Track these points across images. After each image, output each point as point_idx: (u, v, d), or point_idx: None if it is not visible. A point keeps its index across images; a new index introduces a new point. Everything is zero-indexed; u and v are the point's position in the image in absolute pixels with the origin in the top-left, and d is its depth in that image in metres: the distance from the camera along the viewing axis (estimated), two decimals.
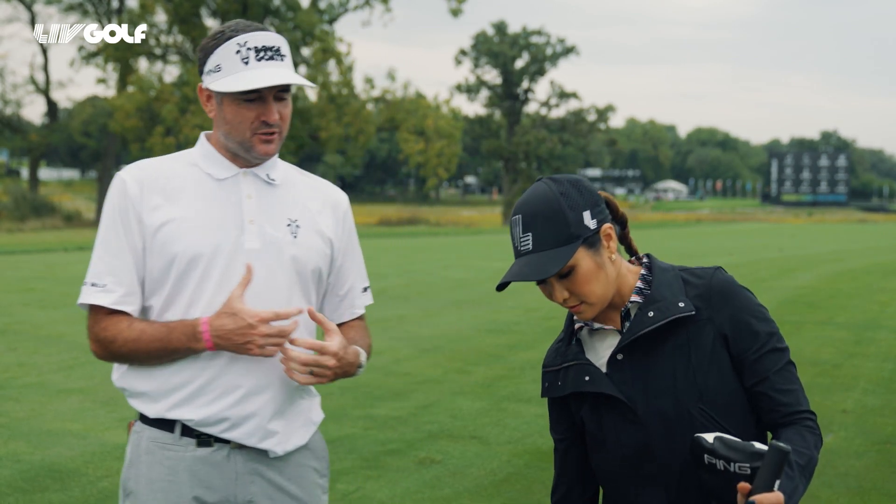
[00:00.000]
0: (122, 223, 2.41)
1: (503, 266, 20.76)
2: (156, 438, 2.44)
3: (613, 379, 2.12)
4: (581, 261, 2.06)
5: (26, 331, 11.25)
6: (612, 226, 2.13)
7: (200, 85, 2.46)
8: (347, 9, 47.50)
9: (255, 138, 2.41)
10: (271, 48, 2.39)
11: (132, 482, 2.46)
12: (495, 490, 5.68)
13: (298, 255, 2.47)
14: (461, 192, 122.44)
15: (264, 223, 2.45)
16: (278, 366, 2.44)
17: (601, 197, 2.15)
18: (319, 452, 2.63)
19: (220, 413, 2.40)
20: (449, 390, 8.30)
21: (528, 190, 2.14)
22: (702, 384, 2.06)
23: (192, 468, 2.42)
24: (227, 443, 2.43)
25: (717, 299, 2.10)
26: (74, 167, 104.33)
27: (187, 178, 2.46)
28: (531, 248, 2.06)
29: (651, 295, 2.12)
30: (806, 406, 2.09)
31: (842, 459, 6.29)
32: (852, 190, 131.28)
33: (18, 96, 67.68)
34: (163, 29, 46.18)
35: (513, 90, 65.09)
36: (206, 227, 2.40)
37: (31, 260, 21.31)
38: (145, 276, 2.42)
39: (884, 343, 11.14)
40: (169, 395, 2.42)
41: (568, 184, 2.10)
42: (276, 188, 2.51)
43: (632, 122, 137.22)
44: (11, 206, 43.14)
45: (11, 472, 5.89)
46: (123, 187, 2.42)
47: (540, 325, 12.12)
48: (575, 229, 2.05)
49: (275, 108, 2.40)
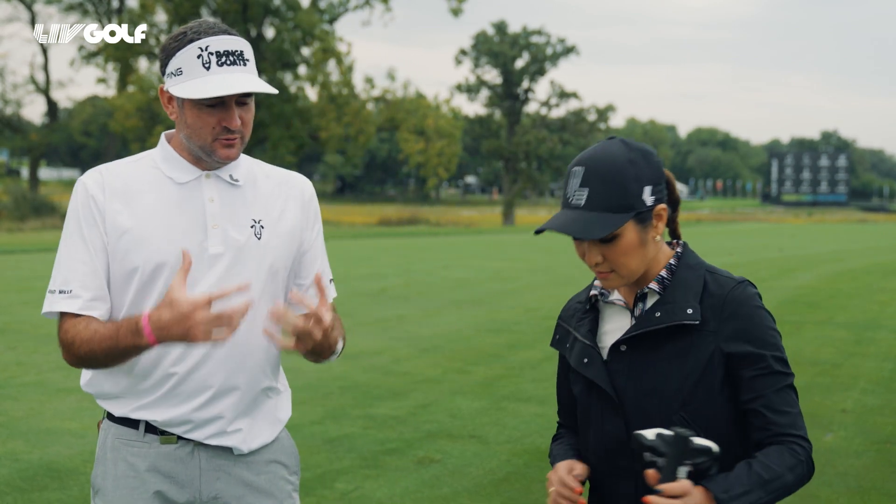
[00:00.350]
0: (87, 227, 2.37)
1: (503, 266, 20.83)
2: (120, 435, 2.45)
3: (611, 368, 2.13)
4: (627, 232, 2.04)
5: (25, 330, 11.24)
6: (665, 207, 2.11)
7: (162, 87, 2.41)
8: (347, 8, 47.51)
9: (217, 143, 2.36)
10: (234, 52, 2.34)
11: (99, 479, 2.47)
12: (494, 489, 5.67)
13: (263, 255, 2.44)
14: (461, 191, 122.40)
15: (227, 226, 2.41)
16: (247, 365, 2.43)
17: (664, 175, 2.12)
18: (288, 450, 2.61)
19: (184, 416, 2.40)
20: (448, 390, 8.29)
21: (598, 144, 2.10)
22: (689, 393, 2.05)
23: (156, 464, 2.42)
24: (190, 440, 2.43)
25: (727, 314, 2.06)
26: (75, 167, 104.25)
27: (148, 182, 2.42)
28: (583, 204, 2.04)
29: (666, 291, 2.11)
30: (800, 432, 2.04)
31: (841, 459, 6.29)
32: (852, 190, 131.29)
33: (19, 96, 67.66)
34: (163, 29, 46.17)
35: (513, 90, 65.07)
36: (169, 233, 2.36)
37: (31, 259, 21.29)
38: (109, 281, 2.39)
39: (883, 343, 11.15)
40: (136, 398, 2.42)
41: (640, 153, 2.06)
42: (238, 189, 2.47)
43: (632, 122, 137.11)
44: (11, 205, 43.09)
45: (10, 470, 5.88)
46: (86, 191, 2.39)
47: (539, 325, 12.11)
48: (632, 200, 2.03)
49: (236, 114, 2.35)
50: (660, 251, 2.14)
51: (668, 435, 1.93)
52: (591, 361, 2.16)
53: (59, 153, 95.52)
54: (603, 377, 2.13)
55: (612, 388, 2.12)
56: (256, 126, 44.91)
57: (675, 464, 1.90)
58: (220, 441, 2.43)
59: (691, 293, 2.08)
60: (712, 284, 2.10)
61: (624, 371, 2.11)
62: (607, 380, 2.12)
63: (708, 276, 2.11)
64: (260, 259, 2.43)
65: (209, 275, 2.38)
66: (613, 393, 2.11)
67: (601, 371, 2.13)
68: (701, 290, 2.09)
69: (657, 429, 1.97)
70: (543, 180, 67.51)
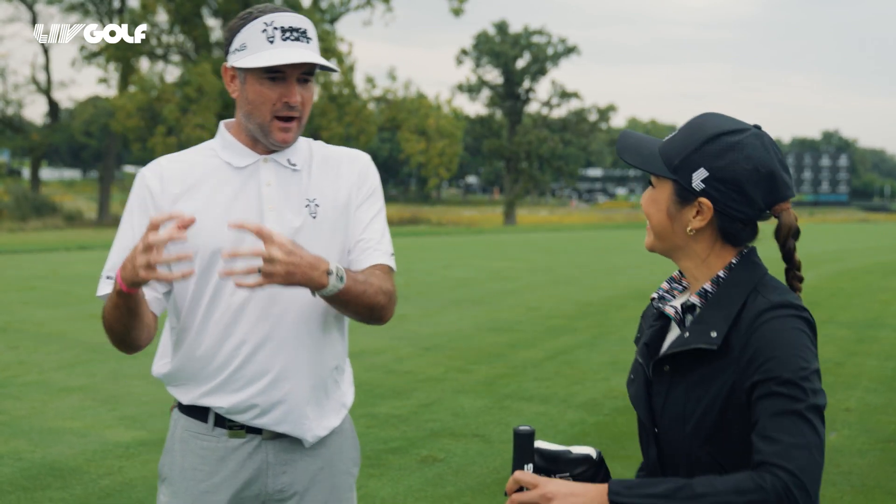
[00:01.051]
0: (138, 217, 2.43)
1: (504, 265, 20.83)
2: (189, 427, 2.48)
3: (653, 389, 1.95)
4: (661, 190, 1.92)
5: (27, 329, 11.25)
6: (711, 207, 1.86)
7: (225, 65, 2.45)
8: (349, 8, 47.51)
9: (274, 124, 2.39)
10: (297, 29, 2.37)
11: (166, 468, 2.51)
12: (497, 488, 5.66)
13: (318, 234, 2.44)
14: (462, 191, 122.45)
15: (284, 209, 2.43)
16: (305, 349, 2.44)
17: (742, 187, 1.84)
18: (350, 440, 2.63)
19: (248, 400, 2.41)
20: (451, 389, 8.29)
21: (742, 123, 1.91)
22: (712, 426, 1.83)
23: (224, 458, 2.44)
24: (258, 433, 2.44)
25: (749, 340, 1.80)
26: (76, 167, 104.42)
27: (207, 168, 2.46)
28: (663, 140, 1.94)
29: (706, 307, 1.89)
30: (785, 462, 1.68)
31: (845, 457, 6.28)
32: (854, 190, 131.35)
33: (20, 96, 67.92)
34: (164, 29, 46.20)
35: (514, 90, 65.09)
36: (226, 218, 2.39)
37: (33, 259, 21.31)
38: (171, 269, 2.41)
39: (886, 341, 11.15)
40: (201, 384, 2.44)
41: (749, 148, 1.84)
42: (296, 173, 2.48)
43: (633, 122, 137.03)
44: (13, 205, 43.17)
45: (12, 470, 5.88)
46: (144, 182, 2.44)
47: (541, 324, 12.11)
48: (677, 166, 1.88)
49: (297, 90, 2.37)
50: (715, 256, 1.92)
51: (577, 454, 1.89)
52: (635, 379, 2.01)
53: (60, 153, 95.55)
54: (641, 398, 1.97)
55: (649, 412, 1.95)
56: None
57: (519, 461, 1.84)
58: (287, 429, 2.44)
59: (724, 314, 1.85)
60: (750, 305, 1.84)
61: (663, 393, 1.92)
62: (645, 401, 1.96)
63: (752, 294, 1.86)
64: (315, 238, 2.43)
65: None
66: (648, 417, 1.95)
67: (640, 391, 1.97)
68: (736, 312, 1.84)
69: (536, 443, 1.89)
70: (545, 180, 67.48)
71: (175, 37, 47.07)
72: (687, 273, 1.97)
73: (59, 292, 14.72)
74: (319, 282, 2.23)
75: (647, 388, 1.97)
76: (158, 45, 46.58)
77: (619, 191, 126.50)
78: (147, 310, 2.38)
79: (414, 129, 48.68)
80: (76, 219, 44.29)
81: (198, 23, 45.79)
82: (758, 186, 1.85)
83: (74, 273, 17.76)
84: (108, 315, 2.34)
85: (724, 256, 1.92)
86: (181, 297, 2.44)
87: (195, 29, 45.71)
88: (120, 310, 2.28)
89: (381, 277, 2.45)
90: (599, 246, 29.70)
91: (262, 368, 2.41)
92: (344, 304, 2.33)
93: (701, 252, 1.93)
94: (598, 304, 14.18)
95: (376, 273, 2.45)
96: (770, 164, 1.85)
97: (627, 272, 19.62)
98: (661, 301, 2.01)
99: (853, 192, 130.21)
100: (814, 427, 1.73)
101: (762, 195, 1.86)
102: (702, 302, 1.91)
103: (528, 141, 60.22)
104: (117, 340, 2.41)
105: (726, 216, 1.88)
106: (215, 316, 2.41)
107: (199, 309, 2.42)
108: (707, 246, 1.92)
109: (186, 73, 43.73)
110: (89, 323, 11.67)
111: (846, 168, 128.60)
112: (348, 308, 2.36)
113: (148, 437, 6.59)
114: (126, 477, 5.77)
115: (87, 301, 13.70)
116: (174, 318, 2.50)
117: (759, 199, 1.86)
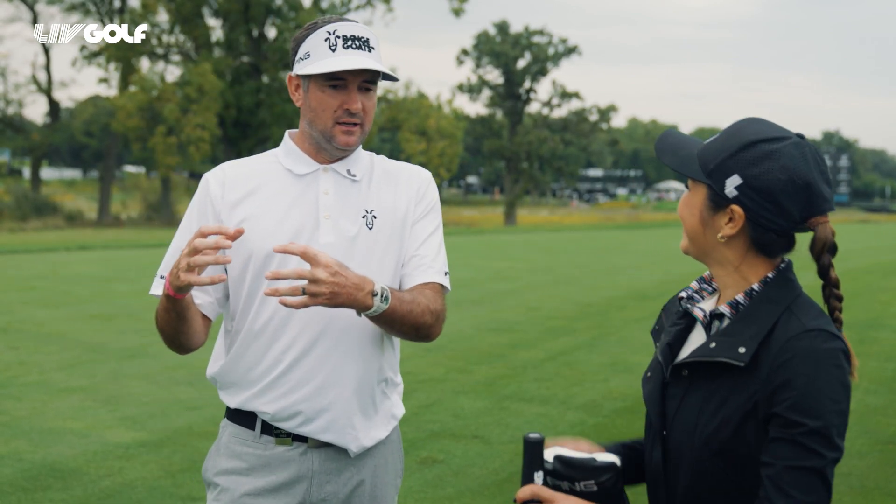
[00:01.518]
0: (197, 221, 2.46)
1: (505, 265, 20.81)
2: (236, 434, 2.50)
3: (669, 391, 1.90)
4: (696, 193, 1.88)
5: (28, 329, 11.24)
6: (743, 216, 1.81)
7: (290, 74, 2.49)
8: (349, 9, 47.49)
9: (337, 128, 2.42)
10: (360, 38, 2.40)
11: (210, 473, 2.53)
12: (497, 489, 5.67)
13: (374, 245, 2.47)
14: (463, 191, 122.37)
15: (339, 218, 2.46)
16: (353, 357, 2.45)
17: (781, 204, 1.79)
18: (397, 452, 2.65)
19: (293, 406, 2.42)
20: (451, 389, 8.29)
21: (785, 130, 1.86)
22: (726, 441, 1.79)
23: (270, 465, 2.45)
24: (304, 441, 2.45)
25: (779, 364, 1.73)
26: (76, 167, 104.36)
27: (268, 174, 2.50)
28: (703, 145, 1.90)
29: (736, 319, 1.83)
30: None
31: (844, 459, 6.25)
32: (854, 190, 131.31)
33: (20, 96, 67.79)
34: (164, 29, 46.23)
35: (515, 90, 65.07)
36: (282, 223, 2.42)
37: (33, 259, 21.30)
38: (227, 276, 2.44)
39: (886, 343, 11.14)
40: (247, 387, 2.46)
41: (786, 158, 1.79)
42: (355, 183, 2.51)
43: (634, 122, 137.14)
44: (13, 205, 43.20)
45: (13, 470, 5.88)
46: (206, 186, 2.50)
47: (541, 325, 12.11)
48: (711, 170, 1.84)
49: (358, 98, 2.40)
50: (747, 266, 1.87)
51: (602, 462, 1.86)
52: (652, 377, 1.96)
53: (60, 153, 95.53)
54: (655, 399, 1.92)
55: (661, 414, 1.90)
56: (258, 126, 45.02)
57: (530, 469, 1.82)
58: (332, 438, 2.45)
59: (754, 331, 1.78)
60: (782, 325, 1.77)
61: (679, 396, 1.87)
62: (658, 402, 1.91)
63: (785, 314, 1.79)
64: (370, 248, 2.46)
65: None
66: (658, 420, 1.90)
67: (655, 392, 1.93)
68: (767, 331, 1.77)
69: (556, 451, 1.88)
70: (545, 180, 67.53)
71: (176, 37, 47.10)
72: (718, 280, 1.92)
73: (60, 292, 14.72)
74: (364, 303, 2.24)
75: (663, 390, 1.92)
76: (159, 45, 46.61)
77: (619, 191, 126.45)
78: (196, 315, 2.41)
79: (414, 130, 48.71)
80: (77, 219, 44.31)
81: (198, 23, 45.82)
82: (793, 198, 1.78)
83: (75, 273, 17.77)
84: (160, 317, 2.38)
85: (757, 267, 1.86)
86: (235, 299, 2.49)
87: (196, 29, 45.74)
88: (169, 313, 2.33)
89: (430, 297, 2.47)
90: (599, 246, 29.68)
91: (308, 375, 2.42)
92: (389, 323, 2.35)
93: (733, 260, 1.87)
94: (599, 305, 14.18)
95: (426, 292, 2.48)
96: (808, 175, 1.78)
97: (628, 273, 19.61)
98: (689, 301, 1.96)
99: (854, 192, 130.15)
100: (827, 484, 1.70)
101: (798, 207, 1.79)
102: (732, 313, 1.85)
103: (528, 141, 60.21)
104: (168, 341, 2.46)
105: (759, 226, 1.81)
106: (264, 319, 2.43)
107: (250, 312, 2.45)
108: (739, 255, 1.86)
109: (187, 73, 43.75)
110: (90, 323, 11.68)
111: (847, 168, 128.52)
112: (393, 327, 2.38)
113: (148, 438, 6.59)
114: (126, 478, 5.77)
115: (88, 301, 13.71)
116: (228, 321, 2.54)
117: (795, 210, 1.79)
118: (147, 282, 3.04)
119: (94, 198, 57.09)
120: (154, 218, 46.05)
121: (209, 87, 41.67)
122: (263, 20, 46.58)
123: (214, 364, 2.57)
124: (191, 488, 5.58)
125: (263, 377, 2.44)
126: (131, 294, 14.44)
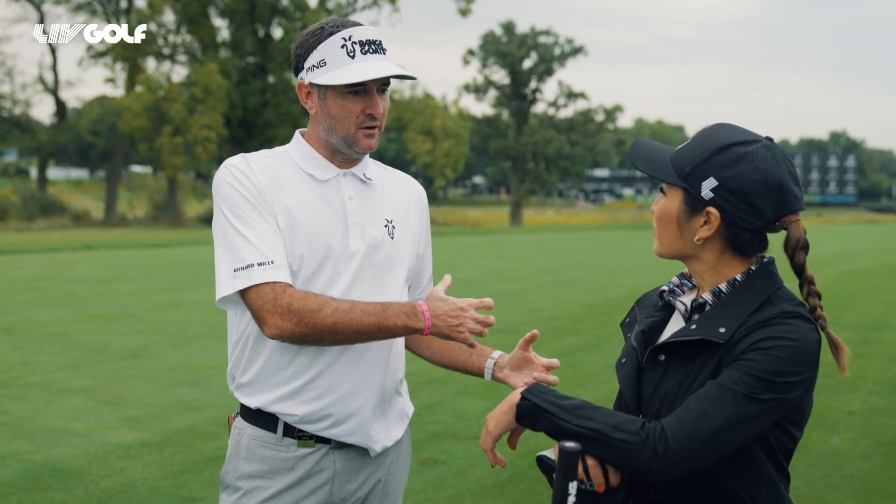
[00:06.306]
0: (256, 201, 2.35)
1: (509, 266, 20.81)
2: (258, 437, 2.47)
3: (644, 375, 1.97)
4: (670, 198, 1.94)
5: (30, 329, 11.26)
6: (718, 217, 1.87)
7: (301, 82, 2.46)
8: (355, 8, 47.53)
9: (360, 133, 2.42)
10: (375, 42, 2.40)
11: (230, 476, 2.50)
12: (498, 491, 5.65)
13: (396, 255, 2.51)
14: (469, 192, 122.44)
15: (366, 224, 2.47)
16: (379, 363, 2.49)
17: (750, 199, 1.85)
18: (407, 450, 2.71)
19: (323, 409, 2.43)
20: (453, 390, 8.28)
21: (751, 134, 1.91)
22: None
23: (292, 467, 2.45)
24: (326, 442, 2.46)
25: (747, 342, 1.81)
26: (83, 167, 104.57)
27: (290, 174, 2.45)
28: (675, 150, 1.95)
29: (715, 306, 1.91)
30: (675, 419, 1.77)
31: (847, 461, 6.25)
32: (861, 191, 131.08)
33: (27, 96, 68.01)
34: (171, 29, 46.29)
35: (521, 90, 65.08)
36: (319, 227, 2.41)
37: (38, 259, 21.35)
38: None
39: (890, 344, 11.11)
40: (275, 388, 2.44)
41: (759, 159, 1.85)
42: (371, 188, 2.53)
43: (640, 123, 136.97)
44: (20, 205, 43.24)
45: (14, 471, 5.88)
46: (240, 170, 2.38)
47: (545, 325, 12.10)
48: (687, 174, 1.89)
49: (379, 101, 2.41)
50: (725, 265, 1.93)
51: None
52: (627, 363, 2.03)
53: (67, 153, 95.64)
54: (630, 384, 1.98)
55: (637, 398, 1.97)
56: (264, 126, 45.07)
57: (566, 480, 1.78)
58: (357, 440, 2.47)
59: (735, 314, 1.86)
60: (761, 311, 1.86)
61: (655, 381, 1.94)
62: (634, 387, 1.98)
63: (766, 302, 1.87)
64: (390, 258, 2.50)
65: (348, 270, 2.42)
66: (635, 403, 1.97)
67: (630, 376, 1.99)
68: (748, 314, 1.85)
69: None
70: (551, 180, 67.51)
71: (182, 37, 47.16)
72: (696, 276, 1.99)
73: (63, 293, 14.74)
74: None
75: (638, 374, 1.99)
76: (165, 45, 46.68)
77: (625, 191, 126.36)
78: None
79: (420, 130, 48.72)
80: (83, 218, 44.37)
81: (204, 23, 45.87)
82: (766, 198, 1.85)
83: (78, 274, 17.80)
84: (353, 324, 2.29)
85: (734, 266, 1.94)
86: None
87: (202, 29, 45.79)
88: (383, 333, 2.33)
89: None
90: (604, 246, 29.67)
91: (339, 380, 2.43)
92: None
93: (710, 261, 1.94)
94: (602, 306, 14.16)
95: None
96: (779, 175, 1.85)
97: (632, 273, 19.58)
98: (670, 294, 2.03)
99: (861, 192, 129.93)
100: (734, 408, 1.75)
101: (771, 207, 1.86)
102: (714, 300, 1.92)
103: (534, 141, 60.23)
104: (317, 335, 2.31)
105: (734, 226, 1.88)
106: None
107: None
108: (715, 256, 1.93)
109: (193, 73, 43.82)
110: (92, 324, 11.69)
111: (854, 169, 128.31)
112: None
113: (150, 439, 6.59)
114: (128, 478, 5.77)
115: (91, 302, 13.73)
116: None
117: (768, 210, 1.87)
118: (149, 282, 3.03)
119: (100, 198, 57.15)
120: (160, 218, 46.11)
121: (215, 87, 41.73)
122: (269, 20, 46.63)
123: (237, 363, 2.51)
124: (192, 489, 5.57)
125: (293, 380, 2.42)
126: (134, 295, 14.46)
